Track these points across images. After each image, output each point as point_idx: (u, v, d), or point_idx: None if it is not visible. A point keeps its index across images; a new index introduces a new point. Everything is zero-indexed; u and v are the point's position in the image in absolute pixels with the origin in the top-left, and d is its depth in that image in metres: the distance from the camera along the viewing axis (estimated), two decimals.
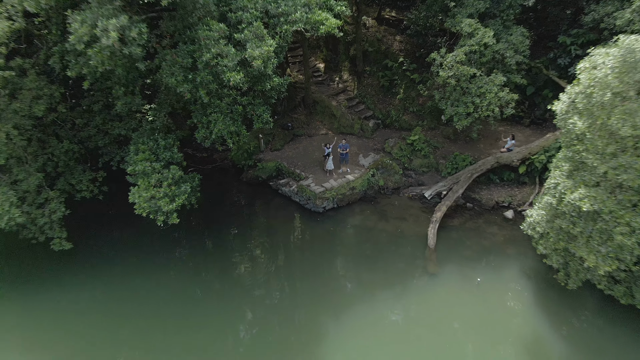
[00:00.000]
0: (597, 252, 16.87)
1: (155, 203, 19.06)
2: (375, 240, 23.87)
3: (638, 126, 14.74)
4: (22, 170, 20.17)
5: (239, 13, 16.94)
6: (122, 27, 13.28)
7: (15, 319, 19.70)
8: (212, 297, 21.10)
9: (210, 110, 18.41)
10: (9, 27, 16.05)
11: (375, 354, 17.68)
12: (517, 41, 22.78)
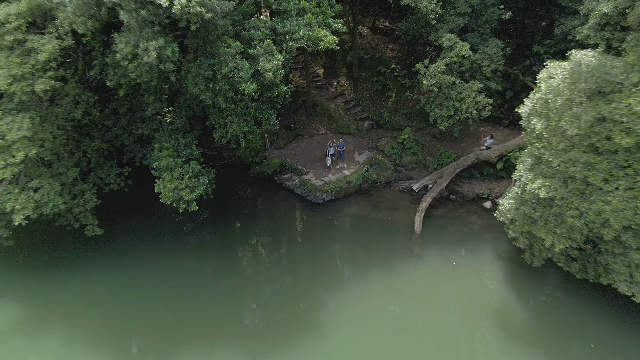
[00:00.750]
0: (553, 233, 19.92)
1: (178, 193, 22.08)
2: (369, 227, 26.91)
3: (582, 127, 17.74)
4: (62, 165, 23.17)
5: (251, 31, 19.95)
6: (160, 47, 16.25)
7: (56, 294, 22.63)
8: (223, 276, 24.06)
9: (226, 114, 21.44)
10: (59, 44, 19.05)
11: (367, 322, 20.67)
12: (492, 52, 25.80)
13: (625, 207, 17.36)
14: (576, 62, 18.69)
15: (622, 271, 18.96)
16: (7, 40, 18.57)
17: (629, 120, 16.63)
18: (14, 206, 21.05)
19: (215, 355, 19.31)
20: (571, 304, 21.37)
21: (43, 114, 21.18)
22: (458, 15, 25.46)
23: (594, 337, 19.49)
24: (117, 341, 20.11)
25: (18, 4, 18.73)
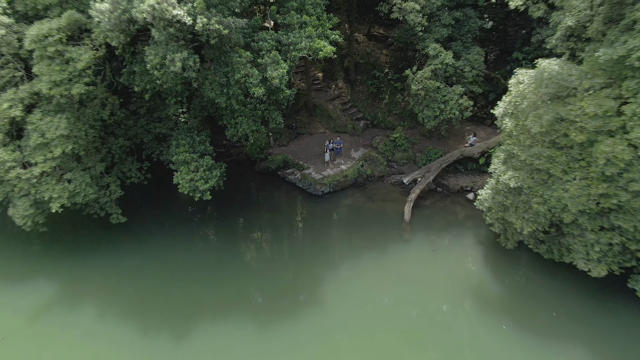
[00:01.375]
0: (522, 218, 22.80)
1: (194, 183, 24.93)
2: (363, 216, 29.78)
3: (544, 126, 20.59)
4: (90, 160, 26.00)
5: (260, 43, 22.78)
6: (184, 58, 19.06)
7: (87, 274, 25.41)
8: (232, 258, 26.90)
9: (237, 114, 24.27)
10: (94, 55, 21.88)
11: (361, 296, 23.50)
12: (473, 59, 28.64)
13: (581, 194, 20.20)
14: (540, 70, 21.57)
15: (580, 250, 21.83)
16: (50, 51, 21.37)
17: (582, 120, 19.47)
18: (52, 195, 23.89)
19: (228, 324, 22.15)
20: (539, 281, 24.24)
21: (76, 114, 24.01)
22: (443, 26, 28.33)
23: (556, 307, 22.37)
24: (142, 313, 22.93)
25: (58, 19, 21.55)
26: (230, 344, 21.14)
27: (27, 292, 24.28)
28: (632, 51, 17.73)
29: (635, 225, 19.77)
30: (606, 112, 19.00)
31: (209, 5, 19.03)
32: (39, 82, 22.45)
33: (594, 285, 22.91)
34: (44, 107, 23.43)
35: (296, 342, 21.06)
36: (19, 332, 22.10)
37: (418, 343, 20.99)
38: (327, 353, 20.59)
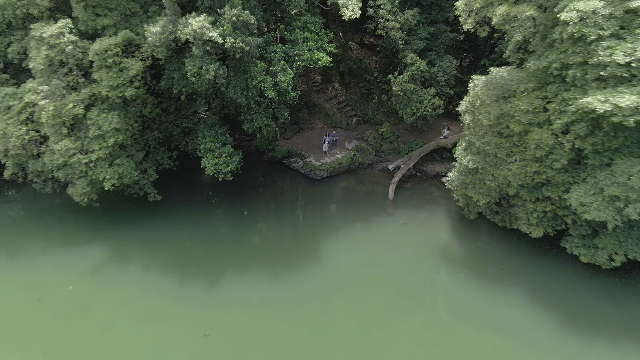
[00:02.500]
0: (479, 192, 28.57)
1: (218, 167, 30.61)
2: (355, 195, 35.52)
3: (492, 119, 26.30)
4: (133, 149, 31.66)
5: (271, 54, 28.47)
6: (216, 69, 24.70)
7: (132, 241, 30.97)
8: (247, 227, 32.53)
9: (253, 112, 29.99)
10: (142, 64, 27.57)
11: (351, 256, 29.20)
12: (445, 66, 34.34)
13: (520, 172, 25.92)
14: (491, 76, 27.38)
15: (522, 217, 27.62)
16: (108, 61, 27.02)
17: (518, 115, 25.20)
18: (105, 176, 29.52)
19: (247, 275, 27.87)
20: (493, 243, 30.02)
21: (124, 112, 29.65)
22: (419, 39, 33.98)
23: (504, 262, 28.17)
24: (178, 269, 28.58)
25: (115, 37, 27.20)
26: (249, 290, 26.87)
27: (85, 254, 29.90)
28: (552, 63, 23.50)
29: (559, 195, 25.56)
30: (535, 108, 24.77)
31: (235, 28, 24.67)
32: (98, 86, 28.13)
33: (534, 245, 28.69)
34: (100, 106, 29.03)
35: (299, 289, 26.80)
36: (82, 284, 27.75)
37: (392, 286, 26.77)
38: (323, 296, 26.34)
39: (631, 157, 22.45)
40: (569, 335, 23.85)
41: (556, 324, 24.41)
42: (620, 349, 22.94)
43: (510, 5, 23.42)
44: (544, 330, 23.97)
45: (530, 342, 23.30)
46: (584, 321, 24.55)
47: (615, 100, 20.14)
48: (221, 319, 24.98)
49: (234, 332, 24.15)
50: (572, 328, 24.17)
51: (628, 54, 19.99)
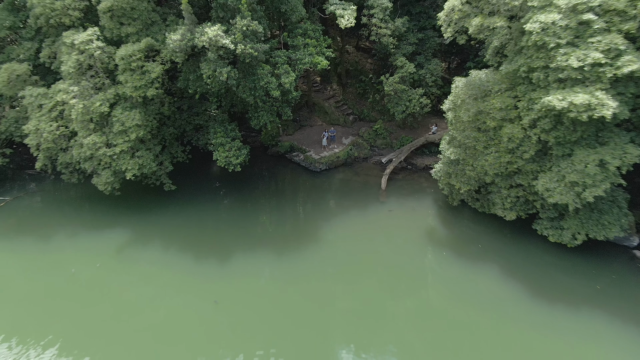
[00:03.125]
0: (460, 181, 31.90)
1: (228, 159, 33.90)
2: (351, 185, 38.83)
3: (471, 116, 29.63)
4: (151, 143, 34.92)
5: (276, 58, 31.76)
6: (228, 72, 27.98)
7: (150, 225, 34.24)
8: (254, 213, 35.85)
9: (260, 109, 33.30)
10: (162, 68, 30.85)
11: (347, 238, 32.47)
12: (433, 68, 37.64)
13: (495, 162, 29.27)
14: (470, 77, 30.71)
15: (498, 202, 30.95)
16: (132, 65, 30.31)
17: (493, 112, 28.55)
18: (127, 167, 32.80)
19: (255, 253, 31.14)
20: (473, 227, 33.29)
21: (145, 110, 32.94)
22: (409, 44, 37.27)
23: (482, 242, 31.46)
24: (193, 248, 31.79)
25: (139, 44, 30.48)
26: (256, 266, 30.17)
27: (109, 237, 33.19)
28: (520, 66, 26.82)
29: (529, 182, 28.89)
30: (507, 106, 28.11)
31: (245, 36, 27.95)
32: (122, 87, 31.41)
33: (509, 227, 32.02)
34: (123, 105, 32.30)
35: (301, 266, 30.10)
36: (108, 262, 31.02)
37: (383, 264, 30.09)
38: (322, 272, 29.61)
39: (588, 148, 25.77)
40: (538, 305, 27.05)
41: (527, 296, 27.62)
42: (579, 315, 26.22)
43: (484, 16, 26.70)
44: (517, 302, 27.14)
45: (505, 313, 26.34)
46: (551, 293, 27.79)
47: (571, 99, 23.46)
48: (230, 289, 28.27)
49: (240, 300, 27.45)
50: (540, 299, 27.37)
51: (581, 60, 23.30)
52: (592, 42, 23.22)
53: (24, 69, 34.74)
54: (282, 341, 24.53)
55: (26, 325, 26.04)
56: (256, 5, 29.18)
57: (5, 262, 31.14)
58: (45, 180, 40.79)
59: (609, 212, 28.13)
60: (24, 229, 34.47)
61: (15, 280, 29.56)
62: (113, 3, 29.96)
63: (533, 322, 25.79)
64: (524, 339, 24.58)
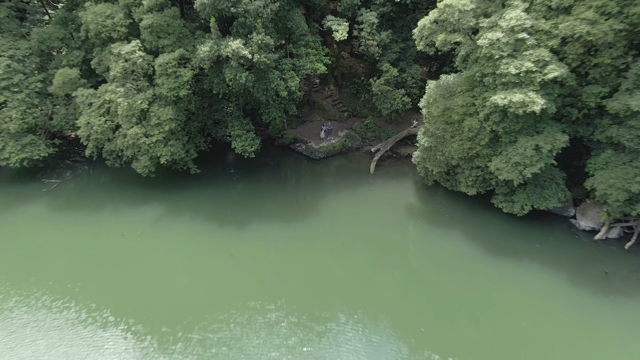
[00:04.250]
0: (433, 164, 38.74)
1: (244, 147, 40.72)
2: (345, 170, 45.64)
3: (440, 111, 36.43)
4: (180, 134, 41.60)
5: (283, 65, 38.56)
6: (246, 76, 34.72)
7: (179, 201, 40.95)
8: (263, 192, 42.46)
9: (270, 106, 40.12)
10: (192, 73, 37.61)
11: (341, 210, 39.24)
12: (413, 72, 44.45)
13: (459, 148, 36.07)
14: (439, 81, 37.54)
15: (462, 181, 37.76)
16: (168, 71, 37.06)
17: (457, 108, 35.37)
18: (161, 153, 39.54)
19: (267, 222, 37.86)
20: (443, 202, 40.04)
21: (176, 107, 39.69)
22: (392, 53, 44.04)
23: (450, 213, 38.23)
24: (217, 218, 38.47)
25: (173, 54, 37.23)
26: (269, 231, 36.91)
27: (147, 210, 39.92)
28: (476, 72, 33.60)
29: (485, 164, 35.68)
30: (467, 104, 34.92)
31: (259, 48, 34.74)
32: (159, 88, 38.12)
33: (471, 201, 38.80)
34: (159, 103, 39.06)
35: (303, 232, 36.87)
36: (147, 230, 37.77)
37: (369, 231, 36.91)
38: (320, 236, 36.39)
39: (527, 136, 32.59)
40: (492, 262, 33.64)
41: (484, 255, 34.14)
42: (521, 266, 32.96)
43: (448, 33, 33.45)
44: (476, 261, 33.55)
45: (468, 271, 32.40)
46: (502, 252, 34.45)
47: (510, 98, 30.29)
48: (243, 248, 35.07)
49: (251, 255, 34.33)
50: (494, 257, 33.98)
51: (518, 68, 30.08)
52: (526, 55, 30.05)
53: (75, 73, 41.44)
54: (287, 292, 31.02)
55: (84, 278, 32.97)
56: (268, 23, 35.95)
57: (61, 231, 37.88)
58: (87, 166, 47.59)
59: (548, 188, 34.98)
60: (75, 205, 41.29)
61: (70, 244, 36.27)
62: (153, 21, 36.73)
63: (488, 277, 32.18)
64: (483, 292, 30.60)
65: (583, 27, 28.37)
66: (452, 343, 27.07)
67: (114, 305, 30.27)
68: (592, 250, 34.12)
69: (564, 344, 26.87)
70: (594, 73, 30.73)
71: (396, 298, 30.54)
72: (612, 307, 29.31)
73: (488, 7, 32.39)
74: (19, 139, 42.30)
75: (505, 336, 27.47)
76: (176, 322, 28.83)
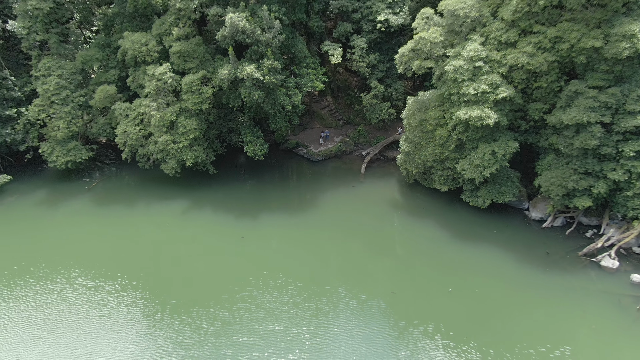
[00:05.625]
0: (412, 166, 45.83)
1: (255, 151, 47.81)
2: (340, 171, 52.68)
3: (417, 122, 43.51)
4: (201, 140, 48.60)
5: (288, 84, 45.65)
6: (259, 94, 41.78)
7: (200, 197, 47.88)
8: (271, 188, 49.60)
9: (277, 117, 47.21)
10: (213, 90, 44.65)
11: (336, 204, 46.28)
12: (397, 88, 51.53)
13: (433, 153, 43.10)
14: (417, 97, 44.65)
15: (436, 180, 44.74)
16: (193, 88, 43.99)
17: (430, 120, 42.44)
18: (187, 157, 46.54)
19: (275, 214, 44.80)
20: (421, 197, 46.97)
21: (199, 118, 46.71)
22: (379, 71, 51.19)
23: (426, 205, 45.18)
24: (234, 211, 45.38)
25: (197, 74, 44.27)
26: (277, 220, 43.86)
27: (174, 205, 46.86)
28: (445, 91, 40.65)
29: (454, 166, 42.68)
30: (439, 116, 42.00)
31: (269, 71, 41.82)
32: (185, 103, 45.10)
33: (444, 196, 45.81)
34: (185, 115, 46.07)
35: (305, 221, 43.80)
36: (175, 221, 44.81)
37: (360, 220, 43.99)
38: (319, 225, 43.36)
39: (486, 143, 39.60)
40: (458, 246, 40.28)
41: (453, 240, 40.79)
42: (482, 248, 39.75)
43: (422, 60, 40.53)
44: (447, 244, 40.07)
45: (439, 251, 39.17)
46: (466, 237, 41.23)
47: (470, 113, 37.35)
48: (254, 233, 42.00)
49: (260, 238, 41.32)
50: (460, 241, 40.73)
51: (475, 89, 37.10)
52: (482, 79, 37.13)
53: (113, 89, 48.47)
54: (291, 271, 37.88)
55: (121, 259, 40.06)
56: (276, 50, 43.09)
57: (101, 222, 44.78)
58: (119, 167, 54.61)
59: (505, 185, 42.02)
60: (113, 200, 48.33)
61: (110, 233, 43.20)
62: (180, 48, 43.77)
63: (456, 257, 38.68)
64: (452, 269, 37.31)
65: (524, 58, 35.46)
66: (427, 307, 34.01)
67: (152, 280, 37.29)
68: (540, 236, 41.14)
69: (512, 306, 33.77)
70: (536, 93, 37.79)
71: (380, 272, 37.59)
72: (550, 279, 36.24)
73: (454, 40, 39.48)
74: (65, 145, 49.33)
75: (469, 302, 34.24)
76: (209, 288, 35.77)
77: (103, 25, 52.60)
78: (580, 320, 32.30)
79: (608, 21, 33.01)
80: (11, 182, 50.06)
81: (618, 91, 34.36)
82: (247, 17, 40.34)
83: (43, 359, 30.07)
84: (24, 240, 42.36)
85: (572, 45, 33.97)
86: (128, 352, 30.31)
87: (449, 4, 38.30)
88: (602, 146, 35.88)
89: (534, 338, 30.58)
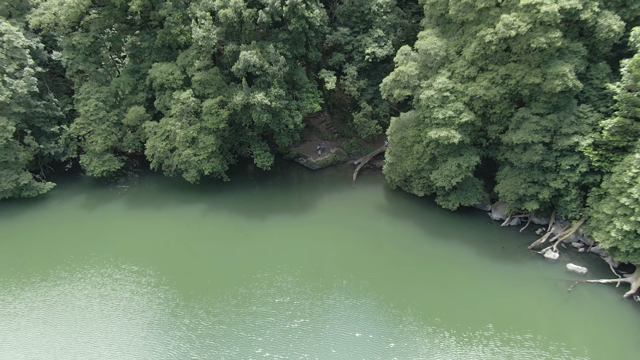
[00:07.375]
0: (395, 175, 53.56)
1: (263, 162, 55.49)
2: (335, 178, 60.28)
3: (398, 139, 51.23)
4: (218, 153, 56.19)
5: (291, 106, 53.41)
6: (267, 117, 49.49)
7: (216, 201, 55.21)
8: (275, 193, 57.28)
9: (282, 134, 54.93)
10: (228, 113, 52.33)
11: (331, 207, 53.87)
12: (383, 108, 59.32)
13: (411, 165, 50.81)
14: (398, 117, 52.44)
15: (415, 186, 52.32)
16: (212, 110, 51.73)
17: (409, 137, 50.21)
18: (205, 167, 54.16)
19: (280, 214, 52.36)
20: (403, 201, 54.39)
21: (216, 135, 54.33)
22: (368, 94, 58.98)
23: (407, 209, 53.02)
24: (244, 212, 52.75)
25: (215, 99, 51.99)
26: (282, 220, 51.39)
27: (194, 208, 54.30)
28: (420, 114, 48.39)
29: (429, 175, 50.41)
30: (416, 135, 49.76)
31: (276, 97, 49.53)
32: (204, 122, 52.64)
33: (421, 201, 53.47)
34: (204, 132, 53.67)
35: (305, 221, 51.45)
36: (196, 221, 52.44)
37: (352, 221, 51.73)
38: (318, 225, 51.04)
39: (453, 157, 47.23)
40: (431, 241, 47.68)
41: (428, 237, 48.33)
42: (452, 244, 47.38)
43: (401, 89, 48.28)
44: (422, 240, 47.48)
45: (416, 246, 46.86)
46: (438, 234, 48.74)
47: (439, 133, 45.09)
48: (261, 233, 49.58)
49: (267, 234, 49.02)
50: (433, 237, 48.18)
51: (443, 114, 44.83)
52: (449, 106, 44.83)
53: (142, 110, 56.10)
54: (295, 259, 45.78)
55: (152, 255, 47.79)
56: (281, 79, 50.87)
57: (132, 224, 52.30)
58: (145, 175, 62.26)
59: (470, 191, 49.77)
60: (144, 204, 55.92)
61: (143, 232, 50.83)
62: (201, 77, 51.43)
63: (430, 250, 46.35)
64: (427, 260, 45.08)
65: (482, 91, 43.24)
66: (403, 288, 41.68)
67: (183, 268, 44.95)
68: (499, 233, 48.90)
69: (473, 289, 41.28)
70: (492, 118, 45.55)
71: (367, 260, 45.33)
72: (504, 268, 43.80)
73: (427, 73, 47.25)
74: (101, 157, 56.92)
75: (437, 286, 41.88)
76: (230, 273, 43.39)
77: (130, 54, 60.22)
78: (527, 299, 40.00)
79: (545, 63, 40.78)
80: (54, 189, 57.57)
81: (555, 117, 42.16)
82: (257, 53, 48.07)
83: (102, 318, 38.31)
84: (72, 236, 49.99)
85: (518, 81, 41.74)
86: (168, 319, 38.13)
87: (422, 44, 46.09)
88: (545, 161, 43.63)
89: (490, 313, 38.29)
